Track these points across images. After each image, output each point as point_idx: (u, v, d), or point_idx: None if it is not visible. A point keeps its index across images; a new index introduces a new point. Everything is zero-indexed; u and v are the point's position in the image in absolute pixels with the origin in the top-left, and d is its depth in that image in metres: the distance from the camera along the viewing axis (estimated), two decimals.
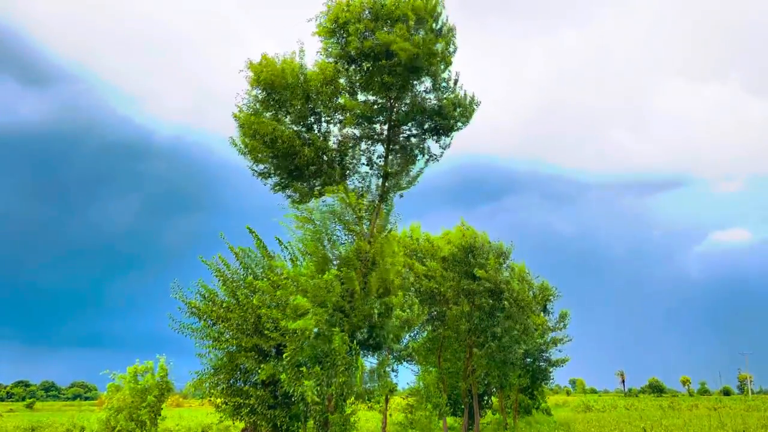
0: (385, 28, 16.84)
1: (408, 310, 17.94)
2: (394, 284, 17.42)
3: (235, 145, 17.68)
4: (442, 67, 17.99)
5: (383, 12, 16.83)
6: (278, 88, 17.20)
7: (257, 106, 17.57)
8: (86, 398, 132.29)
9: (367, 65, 17.14)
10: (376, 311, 16.87)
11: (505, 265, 29.96)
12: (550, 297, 34.44)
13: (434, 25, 17.42)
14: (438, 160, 19.12)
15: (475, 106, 18.75)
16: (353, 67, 17.77)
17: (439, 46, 17.51)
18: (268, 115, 17.54)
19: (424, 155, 19.03)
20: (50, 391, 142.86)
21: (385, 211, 18.04)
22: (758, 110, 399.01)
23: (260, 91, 17.47)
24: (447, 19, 17.79)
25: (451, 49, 17.99)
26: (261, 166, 18.07)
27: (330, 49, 17.62)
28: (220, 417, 16.78)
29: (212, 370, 16.56)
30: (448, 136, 18.93)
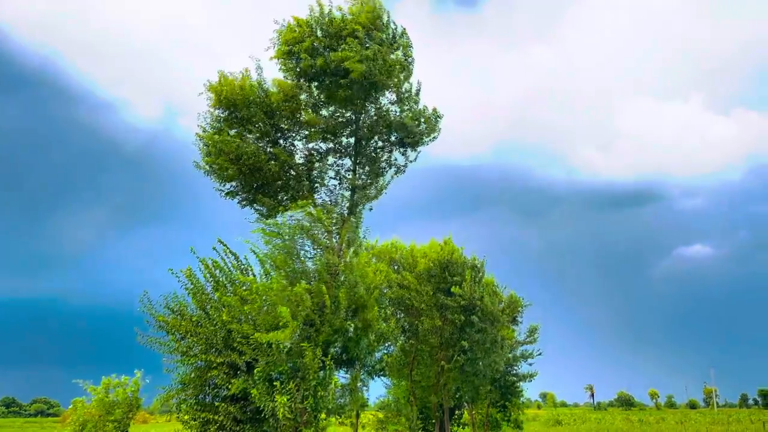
0: (340, 44, 16.98)
1: (383, 324, 17.96)
2: (369, 298, 17.37)
3: (200, 167, 17.61)
4: (403, 77, 18.11)
5: (332, 28, 16.99)
6: (240, 106, 17.22)
7: (220, 124, 17.56)
8: (48, 415, 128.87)
9: (329, 80, 17.25)
10: (351, 326, 16.80)
11: (477, 279, 30.08)
12: (519, 308, 34.56)
13: (384, 35, 17.50)
14: (404, 172, 19.20)
15: (438, 119, 18.88)
16: (314, 83, 17.86)
17: (395, 56, 17.63)
18: (232, 132, 17.52)
19: (391, 167, 19.09)
20: (11, 407, 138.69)
21: (354, 224, 18.04)
22: (720, 129, 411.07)
23: (222, 111, 17.46)
24: (396, 26, 17.90)
25: (409, 60, 18.12)
26: (228, 186, 18.01)
27: (288, 70, 17.71)
28: None
29: (180, 386, 16.28)
30: (414, 150, 19.02)
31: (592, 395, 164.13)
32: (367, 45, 16.90)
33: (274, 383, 14.92)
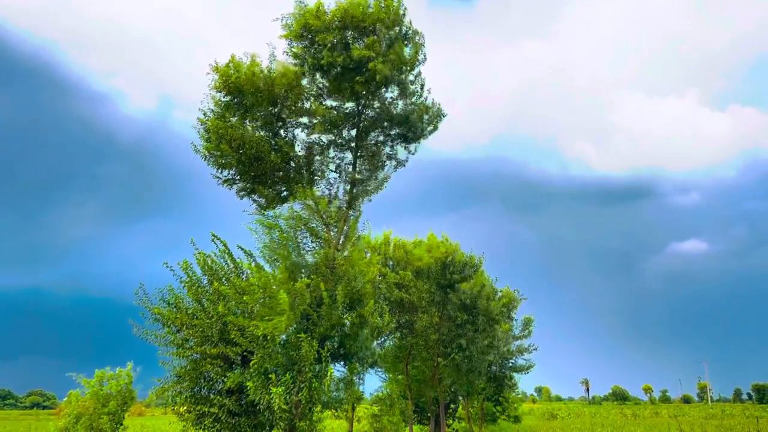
0: (350, 34, 16.80)
1: (379, 318, 17.93)
2: (366, 293, 17.33)
3: (198, 151, 17.36)
4: (412, 77, 18.04)
5: (352, 22, 16.78)
6: (247, 92, 16.86)
7: (222, 110, 17.24)
8: (44, 407, 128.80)
9: (336, 72, 17.02)
10: (348, 321, 16.76)
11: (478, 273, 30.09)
12: (515, 304, 34.71)
13: (400, 31, 17.39)
14: (405, 166, 19.16)
15: (441, 116, 18.86)
16: (319, 73, 17.65)
17: (408, 52, 17.52)
18: (234, 119, 17.23)
19: (392, 161, 19.03)
20: (7, 399, 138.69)
21: (353, 218, 17.98)
22: (715, 124, 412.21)
23: (224, 95, 17.07)
24: (411, 23, 17.83)
25: (420, 58, 18.05)
26: (226, 173, 17.78)
27: (297, 52, 17.41)
28: (184, 426, 16.47)
29: (176, 378, 16.25)
30: (416, 142, 18.97)
31: (587, 389, 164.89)
32: (386, 42, 16.79)
33: (270, 376, 14.91)
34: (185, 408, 16.18)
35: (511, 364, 36.76)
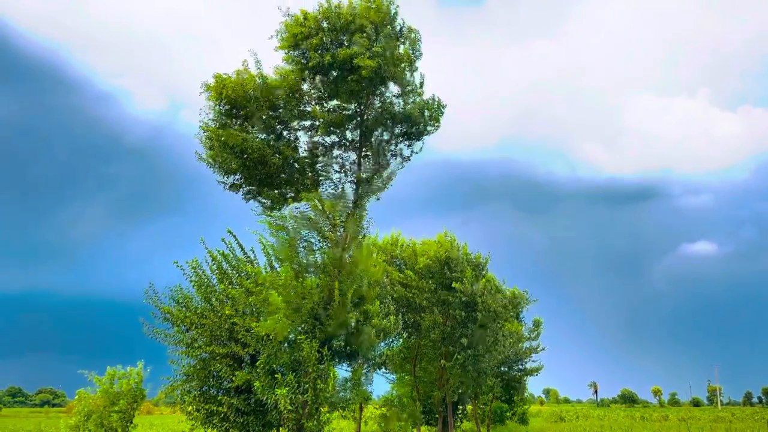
0: (344, 36, 16.90)
1: (385, 319, 18.00)
2: (371, 292, 17.40)
3: (202, 159, 17.52)
4: (408, 73, 18.06)
5: (341, 23, 16.87)
6: (241, 103, 17.08)
7: (223, 118, 17.41)
8: (54, 405, 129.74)
9: (334, 74, 17.14)
10: (353, 319, 16.84)
11: (480, 275, 30.03)
12: (523, 304, 34.54)
13: (392, 28, 17.41)
14: (410, 160, 19.16)
15: (442, 110, 18.85)
16: (319, 76, 17.75)
17: (402, 48, 17.55)
18: (235, 126, 17.41)
19: (397, 158, 19.05)
20: (17, 397, 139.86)
21: (358, 217, 18.03)
22: (726, 125, 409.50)
23: (223, 105, 17.27)
24: (404, 21, 17.85)
25: (416, 54, 18.07)
26: (231, 178, 17.92)
27: (294, 61, 17.57)
28: (192, 425, 16.60)
29: (184, 377, 16.38)
30: (419, 140, 18.99)
31: (596, 392, 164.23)
32: (375, 41, 16.81)
33: (276, 375, 15.00)
34: (193, 407, 16.31)
35: (519, 367, 36.67)
